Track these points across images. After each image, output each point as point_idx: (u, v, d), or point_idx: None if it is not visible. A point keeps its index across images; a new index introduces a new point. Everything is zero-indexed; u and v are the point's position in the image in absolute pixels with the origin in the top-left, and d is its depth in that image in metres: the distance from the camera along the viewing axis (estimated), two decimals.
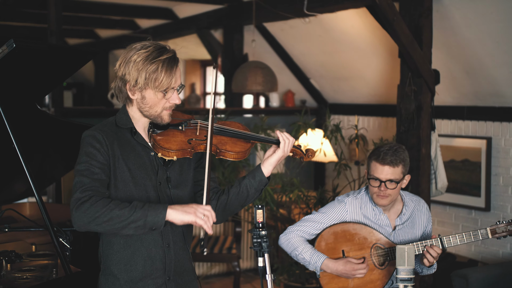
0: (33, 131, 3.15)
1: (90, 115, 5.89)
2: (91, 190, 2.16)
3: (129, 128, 2.33)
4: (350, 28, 5.49)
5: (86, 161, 2.22)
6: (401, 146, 3.12)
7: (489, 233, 3.01)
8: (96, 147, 2.24)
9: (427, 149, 4.55)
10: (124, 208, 2.11)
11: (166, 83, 2.23)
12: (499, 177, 4.98)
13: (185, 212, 2.12)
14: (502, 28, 4.36)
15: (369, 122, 6.26)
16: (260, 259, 2.08)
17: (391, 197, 3.08)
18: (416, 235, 3.20)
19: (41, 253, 2.97)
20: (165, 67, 2.22)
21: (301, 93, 7.02)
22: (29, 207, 4.00)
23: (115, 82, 2.32)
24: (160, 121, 2.31)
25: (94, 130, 2.28)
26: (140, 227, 2.12)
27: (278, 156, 2.39)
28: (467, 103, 5.20)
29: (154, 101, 2.26)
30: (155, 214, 2.11)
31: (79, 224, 2.13)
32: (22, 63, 2.49)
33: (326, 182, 6.79)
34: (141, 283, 2.32)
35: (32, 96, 2.84)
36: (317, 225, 3.19)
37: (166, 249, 2.34)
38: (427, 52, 4.45)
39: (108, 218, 2.10)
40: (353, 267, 3.02)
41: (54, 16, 5.47)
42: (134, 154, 2.31)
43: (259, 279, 2.26)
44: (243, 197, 2.40)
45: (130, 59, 2.24)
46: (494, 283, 4.13)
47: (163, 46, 2.28)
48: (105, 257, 2.36)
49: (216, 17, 6.67)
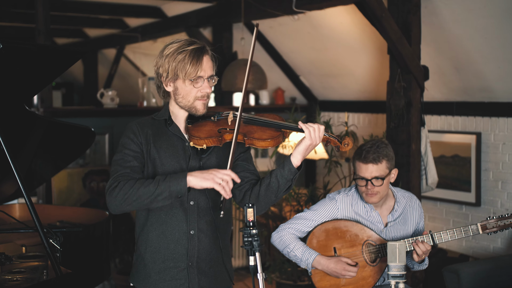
0: (21, 132, 3.13)
1: (80, 115, 5.86)
2: (121, 176, 2.34)
3: (164, 119, 2.50)
4: (339, 25, 5.49)
5: (120, 151, 2.43)
6: (384, 142, 3.13)
7: (480, 229, 3.02)
8: (130, 137, 2.44)
9: (417, 145, 4.56)
10: (148, 185, 2.27)
11: (193, 72, 2.37)
12: (489, 172, 5.00)
13: (204, 178, 2.26)
14: (490, 24, 4.37)
15: (359, 119, 6.27)
16: (251, 258, 2.07)
17: (380, 193, 3.08)
18: (408, 231, 3.21)
19: (31, 254, 2.95)
20: (191, 56, 2.37)
21: (290, 90, 7.02)
22: (18, 208, 3.97)
23: (155, 79, 2.50)
24: (194, 112, 2.45)
25: (131, 123, 2.50)
26: (167, 197, 2.28)
27: (305, 144, 2.39)
28: (456, 99, 5.21)
29: (185, 90, 2.41)
30: (177, 183, 2.26)
31: (112, 207, 2.32)
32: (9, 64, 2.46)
33: (317, 179, 6.80)
34: (163, 264, 2.46)
35: (20, 96, 2.82)
36: (309, 222, 3.19)
37: (190, 235, 2.45)
38: (416, 48, 4.46)
39: (136, 197, 2.27)
40: (344, 267, 3.02)
41: (42, 15, 5.42)
42: (167, 143, 2.46)
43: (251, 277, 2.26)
44: (274, 188, 2.43)
45: (163, 54, 2.42)
46: (485, 277, 4.15)
47: (193, 40, 2.45)
48: (137, 237, 2.55)
49: (204, 15, 6.64)
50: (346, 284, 3.09)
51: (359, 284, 3.10)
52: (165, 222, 2.45)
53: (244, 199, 2.50)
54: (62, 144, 3.66)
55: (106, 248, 3.50)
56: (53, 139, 3.50)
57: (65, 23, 8.08)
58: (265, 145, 2.42)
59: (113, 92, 6.02)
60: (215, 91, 6.86)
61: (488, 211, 5.00)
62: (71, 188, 5.42)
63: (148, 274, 2.49)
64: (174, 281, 2.46)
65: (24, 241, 3.13)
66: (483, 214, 5.02)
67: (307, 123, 2.43)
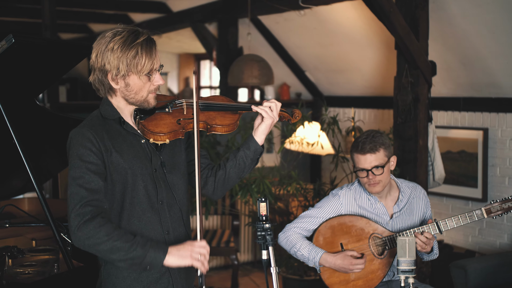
0: (31, 127, 3.14)
1: (86, 110, 5.87)
2: (91, 206, 2.12)
3: (117, 118, 2.29)
4: (346, 20, 5.48)
5: (79, 166, 2.15)
6: (378, 131, 3.14)
7: (484, 213, 3.02)
8: (87, 146, 2.17)
9: (424, 140, 4.56)
10: (127, 242, 2.10)
11: (148, 66, 2.20)
12: (495, 168, 5.00)
13: (182, 256, 2.14)
14: (498, 19, 4.37)
15: (365, 114, 6.27)
16: (264, 252, 2.07)
17: (383, 182, 3.10)
18: (415, 221, 3.21)
19: (41, 248, 2.95)
20: (144, 49, 2.19)
21: (296, 86, 7.02)
22: (27, 202, 3.98)
23: (94, 74, 2.26)
24: (147, 106, 2.28)
25: (81, 128, 2.22)
26: (137, 264, 2.12)
27: (267, 123, 2.40)
28: (463, 94, 5.21)
29: (139, 86, 2.23)
30: (154, 256, 2.12)
31: (79, 244, 2.11)
32: (21, 59, 2.47)
33: (322, 175, 6.80)
34: (144, 272, 2.28)
35: (31, 91, 2.83)
36: (314, 220, 3.21)
37: (166, 236, 2.32)
38: (423, 43, 4.45)
39: (108, 248, 2.09)
40: (351, 262, 3.03)
41: (48, 10, 5.44)
42: (126, 144, 2.27)
43: (257, 272, 2.27)
44: (240, 169, 2.43)
45: (107, 48, 2.19)
46: (492, 273, 4.15)
47: (135, 29, 2.24)
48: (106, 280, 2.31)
49: (210, 10, 6.64)
50: (355, 278, 3.10)
51: (368, 277, 3.11)
52: (140, 229, 2.28)
53: (207, 185, 2.46)
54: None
55: None
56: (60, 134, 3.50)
57: (70, 18, 8.09)
58: (228, 130, 2.38)
59: None
60: (220, 86, 6.86)
61: None
62: None
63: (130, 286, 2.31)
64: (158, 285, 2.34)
65: (34, 235, 3.13)
66: None
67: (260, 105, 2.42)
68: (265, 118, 2.38)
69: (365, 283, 3.10)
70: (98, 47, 2.22)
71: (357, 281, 3.10)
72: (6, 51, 2.31)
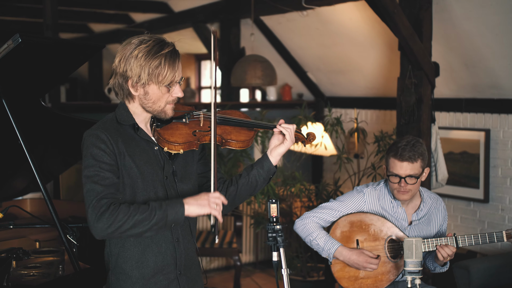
0: (35, 127, 3.12)
1: (88, 110, 5.86)
2: (106, 198, 2.14)
3: (131, 124, 2.29)
4: (348, 21, 5.48)
5: (93, 165, 2.17)
6: (418, 140, 3.10)
7: (505, 237, 3.01)
8: (101, 147, 2.19)
9: (428, 141, 4.56)
10: (144, 212, 2.12)
11: (170, 77, 2.21)
12: (497, 168, 5.00)
13: (200, 205, 2.17)
14: (501, 20, 4.37)
15: (367, 115, 6.26)
16: (274, 253, 2.07)
17: (412, 192, 3.09)
18: (431, 232, 3.21)
19: (45, 249, 2.94)
20: (167, 61, 2.20)
21: (298, 86, 7.01)
22: (29, 203, 3.97)
23: (114, 78, 2.28)
24: (164, 116, 2.29)
25: (96, 130, 2.23)
26: (162, 227, 2.16)
27: (286, 146, 2.40)
28: (466, 95, 5.21)
29: (158, 96, 2.24)
30: (174, 212, 2.15)
31: (102, 234, 2.12)
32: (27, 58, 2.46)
33: (324, 176, 6.79)
34: (153, 279, 2.30)
35: (36, 91, 2.82)
36: (334, 212, 3.20)
37: (176, 243, 2.34)
38: (427, 44, 4.45)
39: (131, 225, 2.11)
40: (366, 260, 3.03)
41: (50, 10, 5.42)
42: (139, 149, 2.28)
43: (259, 273, 2.28)
44: (252, 187, 2.43)
45: (131, 55, 2.20)
46: (495, 274, 4.16)
47: (162, 39, 2.26)
48: (115, 255, 2.33)
49: (212, 10, 6.64)
50: (365, 277, 3.10)
51: (378, 278, 3.11)
52: (149, 237, 2.29)
53: None
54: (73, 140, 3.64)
55: None
56: (64, 134, 3.49)
57: (70, 18, 8.08)
58: (242, 146, 2.38)
59: None
60: (222, 87, 6.85)
61: (496, 208, 5.00)
62: (79, 184, 5.40)
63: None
64: None
65: (37, 236, 3.12)
66: (491, 211, 5.02)
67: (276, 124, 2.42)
68: (287, 140, 2.38)
69: (374, 283, 3.10)
70: (123, 52, 2.24)
71: (366, 280, 3.10)
72: (12, 50, 2.30)
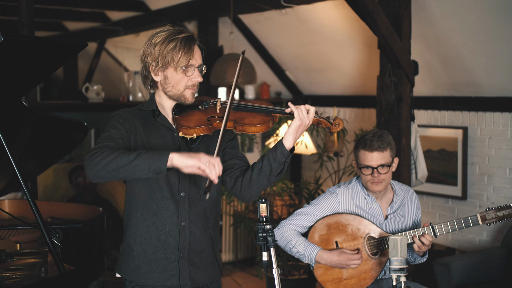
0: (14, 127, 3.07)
1: (65, 109, 5.78)
2: (105, 147, 2.28)
3: (152, 110, 2.47)
4: (327, 19, 5.49)
5: (107, 131, 2.39)
6: (384, 131, 3.19)
7: (480, 220, 3.08)
8: (119, 121, 2.41)
9: (407, 139, 4.59)
10: (129, 154, 2.21)
11: (184, 60, 2.35)
12: (475, 166, 5.06)
13: (190, 156, 2.18)
14: (479, 19, 4.41)
15: (345, 113, 6.29)
16: (264, 253, 2.06)
17: (385, 181, 3.14)
18: (407, 223, 3.24)
19: (27, 251, 2.90)
20: (183, 44, 2.35)
21: (276, 85, 7.01)
22: (8, 204, 3.91)
23: (141, 69, 2.47)
24: (183, 101, 2.42)
25: (121, 110, 2.47)
26: (145, 171, 2.19)
27: (295, 125, 2.35)
28: (443, 94, 5.26)
29: (176, 79, 2.38)
30: (158, 158, 2.18)
31: (89, 173, 2.24)
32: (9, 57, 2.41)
33: (303, 174, 6.81)
34: (153, 256, 2.42)
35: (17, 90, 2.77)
36: (310, 217, 3.21)
37: (181, 227, 2.41)
38: (406, 43, 4.48)
39: (115, 163, 2.19)
40: (347, 257, 3.04)
41: (25, 8, 5.34)
42: (156, 134, 2.43)
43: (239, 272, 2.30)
44: (266, 172, 2.39)
45: (151, 43, 2.39)
46: (474, 270, 4.21)
47: (182, 28, 2.43)
48: (125, 228, 2.50)
49: (190, 8, 6.59)
50: (348, 277, 3.11)
51: (361, 277, 3.12)
52: (156, 214, 2.41)
53: (235, 185, 2.48)
54: (52, 140, 3.59)
55: (101, 244, 3.47)
56: (44, 134, 3.43)
57: (45, 16, 7.95)
58: (256, 130, 2.40)
59: (98, 87, 5.95)
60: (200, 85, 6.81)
61: (474, 205, 5.06)
62: (57, 184, 5.35)
63: (138, 265, 2.46)
64: (164, 273, 2.44)
65: (18, 238, 3.07)
66: (469, 208, 5.08)
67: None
68: (295, 118, 2.36)
69: (358, 282, 3.11)
70: (146, 43, 2.42)
71: (350, 280, 3.11)
72: None
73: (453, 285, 4.11)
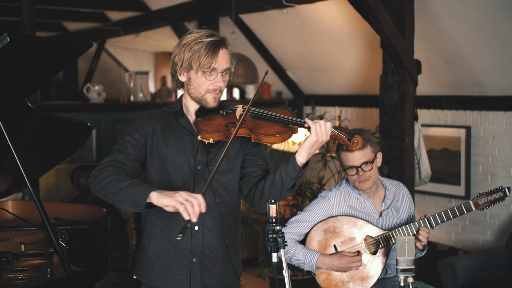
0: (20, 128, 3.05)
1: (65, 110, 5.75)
2: (113, 162, 2.32)
3: (175, 111, 2.48)
4: (329, 18, 5.48)
5: (127, 135, 2.44)
6: (362, 129, 3.19)
7: (472, 206, 3.07)
8: (137, 127, 2.45)
9: (411, 139, 4.58)
10: (120, 183, 2.20)
11: (207, 64, 2.33)
12: (478, 165, 5.05)
13: (166, 195, 2.11)
14: (482, 18, 4.40)
15: (347, 113, 6.28)
16: (274, 254, 2.03)
17: (372, 178, 3.13)
18: (402, 218, 3.25)
19: (32, 252, 2.88)
20: (208, 48, 2.33)
21: (277, 84, 7.00)
22: (11, 205, 3.88)
23: (171, 68, 2.49)
24: (205, 104, 2.41)
25: (143, 113, 2.51)
26: (129, 203, 2.19)
27: (310, 140, 2.29)
28: (446, 93, 5.25)
29: (198, 82, 2.38)
30: (140, 193, 2.16)
31: (91, 188, 2.30)
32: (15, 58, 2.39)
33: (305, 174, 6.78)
34: (166, 259, 2.43)
35: (22, 91, 2.75)
36: (306, 224, 3.21)
37: (194, 231, 2.40)
38: (409, 42, 4.47)
39: (107, 188, 2.22)
40: (348, 260, 3.04)
41: (26, 9, 5.33)
42: (175, 137, 2.43)
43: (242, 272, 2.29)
44: (278, 185, 2.34)
45: (180, 44, 2.40)
46: (479, 270, 4.19)
47: (214, 32, 2.42)
48: (143, 230, 2.54)
49: (190, 8, 6.57)
50: (351, 279, 3.10)
51: (364, 278, 3.11)
52: (170, 217, 2.40)
53: (249, 194, 2.47)
54: (55, 141, 3.57)
55: (105, 245, 3.45)
56: (48, 135, 3.42)
57: (44, 16, 7.93)
58: (272, 141, 2.34)
59: (99, 87, 5.93)
60: None
61: None
62: (59, 185, 5.32)
63: (151, 268, 2.47)
64: (176, 276, 2.44)
65: (22, 239, 3.05)
66: None
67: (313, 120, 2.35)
68: (311, 134, 2.29)
69: (361, 283, 3.10)
70: (177, 43, 2.44)
71: (354, 282, 3.10)
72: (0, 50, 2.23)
73: (458, 285, 4.10)
